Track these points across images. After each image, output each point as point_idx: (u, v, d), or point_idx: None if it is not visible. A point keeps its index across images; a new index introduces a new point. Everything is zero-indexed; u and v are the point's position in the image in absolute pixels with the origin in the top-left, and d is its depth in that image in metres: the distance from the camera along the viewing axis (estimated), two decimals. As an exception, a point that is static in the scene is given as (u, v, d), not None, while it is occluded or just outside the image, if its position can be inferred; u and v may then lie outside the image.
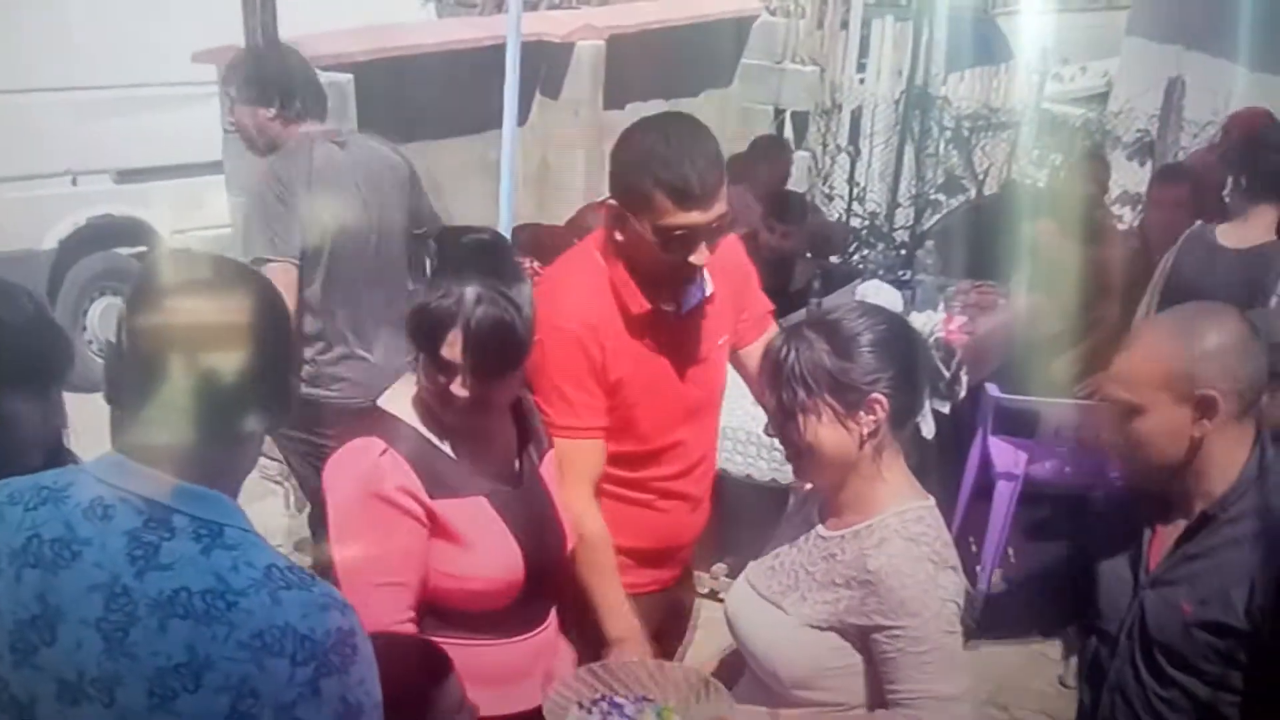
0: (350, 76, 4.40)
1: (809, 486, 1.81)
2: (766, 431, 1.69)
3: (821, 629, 1.61)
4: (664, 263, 1.92)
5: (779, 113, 6.63)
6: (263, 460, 2.91)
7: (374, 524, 1.69)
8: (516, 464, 1.87)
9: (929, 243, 4.79)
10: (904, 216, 6.13)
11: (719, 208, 1.90)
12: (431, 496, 1.71)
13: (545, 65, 5.49)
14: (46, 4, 4.63)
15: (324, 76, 4.34)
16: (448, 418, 1.76)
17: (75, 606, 1.08)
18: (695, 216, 1.88)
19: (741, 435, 3.44)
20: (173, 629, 1.05)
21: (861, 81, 6.66)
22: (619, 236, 1.95)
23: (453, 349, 1.67)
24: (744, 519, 2.97)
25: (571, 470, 1.97)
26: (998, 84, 6.78)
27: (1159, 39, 6.81)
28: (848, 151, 6.32)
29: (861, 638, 1.59)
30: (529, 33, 4.68)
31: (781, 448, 1.70)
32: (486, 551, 1.76)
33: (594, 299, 1.99)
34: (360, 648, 1.09)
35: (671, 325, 2.03)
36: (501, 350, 1.71)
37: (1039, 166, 5.91)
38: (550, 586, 1.90)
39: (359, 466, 1.71)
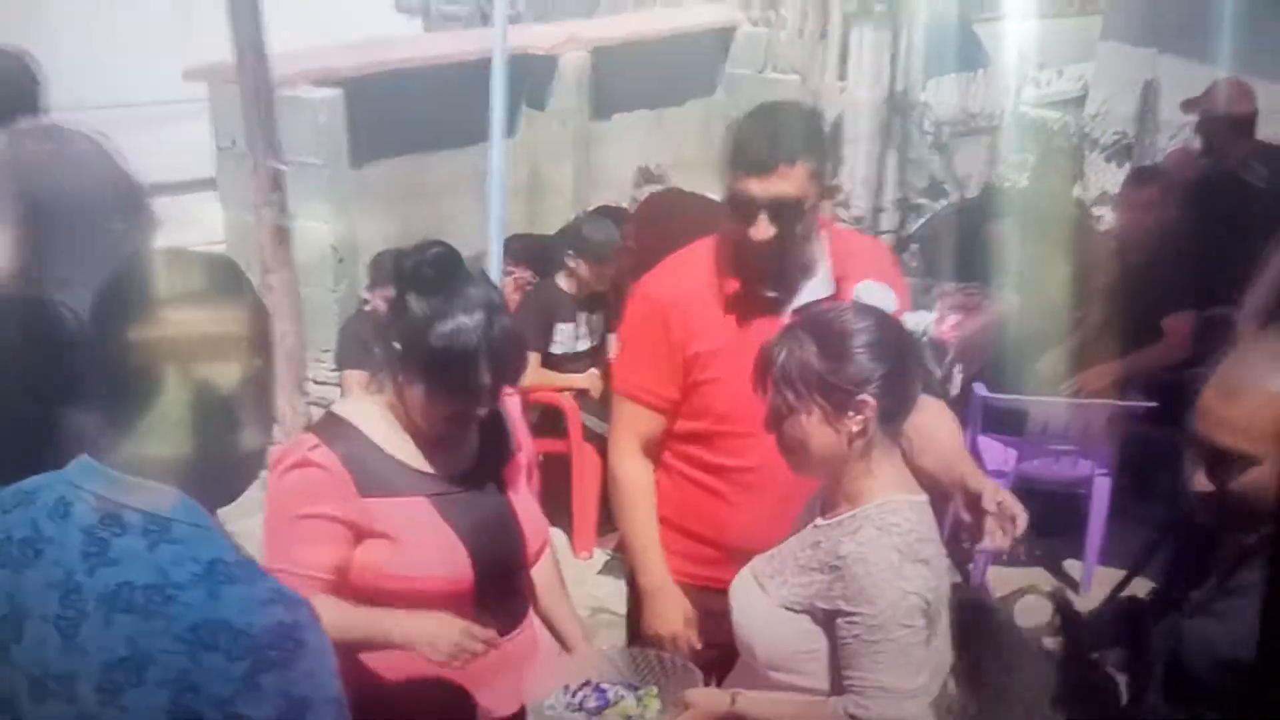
0: (340, 92, 4.44)
1: None
2: (767, 428, 1.72)
3: (795, 611, 1.66)
4: (741, 237, 1.96)
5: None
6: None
7: (292, 517, 1.72)
8: (472, 465, 1.86)
9: (913, 246, 4.86)
10: (888, 221, 6.21)
11: (781, 185, 1.91)
12: (364, 495, 1.73)
13: (531, 77, 5.54)
14: (37, 28, 4.64)
15: (314, 93, 4.41)
16: (441, 430, 1.77)
17: (37, 604, 1.10)
18: (752, 185, 1.92)
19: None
20: (116, 623, 1.06)
21: (843, 89, 6.74)
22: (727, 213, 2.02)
23: (485, 375, 1.70)
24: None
25: (617, 424, 2.11)
26: (976, 89, 6.86)
27: (1134, 42, 6.92)
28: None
29: (828, 622, 1.62)
30: (514, 45, 4.72)
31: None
32: (423, 551, 1.76)
33: (690, 273, 2.07)
34: (308, 641, 1.07)
35: (773, 312, 2.01)
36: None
37: (1019, 170, 6.00)
38: (513, 592, 1.91)
39: (288, 458, 1.74)
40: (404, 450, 1.79)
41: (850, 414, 1.62)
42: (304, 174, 4.31)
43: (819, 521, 1.72)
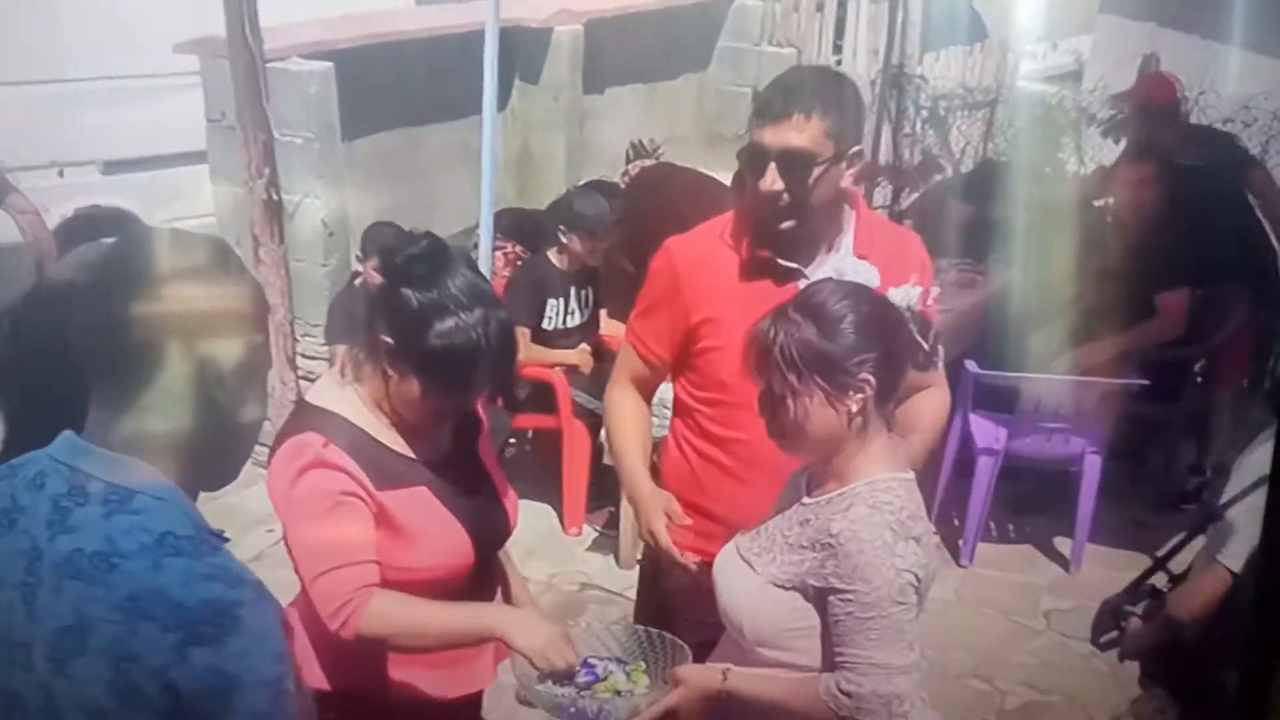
0: (331, 65, 4.40)
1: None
2: (760, 411, 1.70)
3: (785, 589, 1.65)
4: (754, 193, 1.95)
5: (757, 94, 6.65)
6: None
7: (323, 514, 1.67)
8: (451, 447, 1.85)
9: (907, 221, 4.84)
10: (881, 195, 6.19)
11: (792, 135, 1.89)
12: (377, 488, 1.71)
13: (524, 50, 5.50)
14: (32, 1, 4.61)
15: (305, 65, 4.37)
16: (426, 423, 1.76)
17: (6, 571, 1.11)
18: (766, 134, 1.92)
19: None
20: (66, 590, 1.07)
21: (838, 62, 6.70)
22: None
23: (484, 373, 1.70)
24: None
25: (617, 363, 2.22)
26: (973, 63, 6.82)
27: (1133, 16, 6.89)
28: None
29: (820, 600, 1.62)
30: (507, 18, 4.69)
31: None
32: (433, 541, 1.76)
33: (710, 239, 2.08)
34: (245, 620, 1.06)
35: (787, 281, 1.99)
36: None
37: (1014, 145, 5.98)
38: (492, 567, 1.92)
39: (300, 460, 1.68)
40: (391, 438, 1.77)
41: (851, 394, 1.62)
42: (294, 148, 4.29)
43: (806, 499, 1.72)
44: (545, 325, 4.15)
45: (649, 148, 6.11)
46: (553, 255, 4.18)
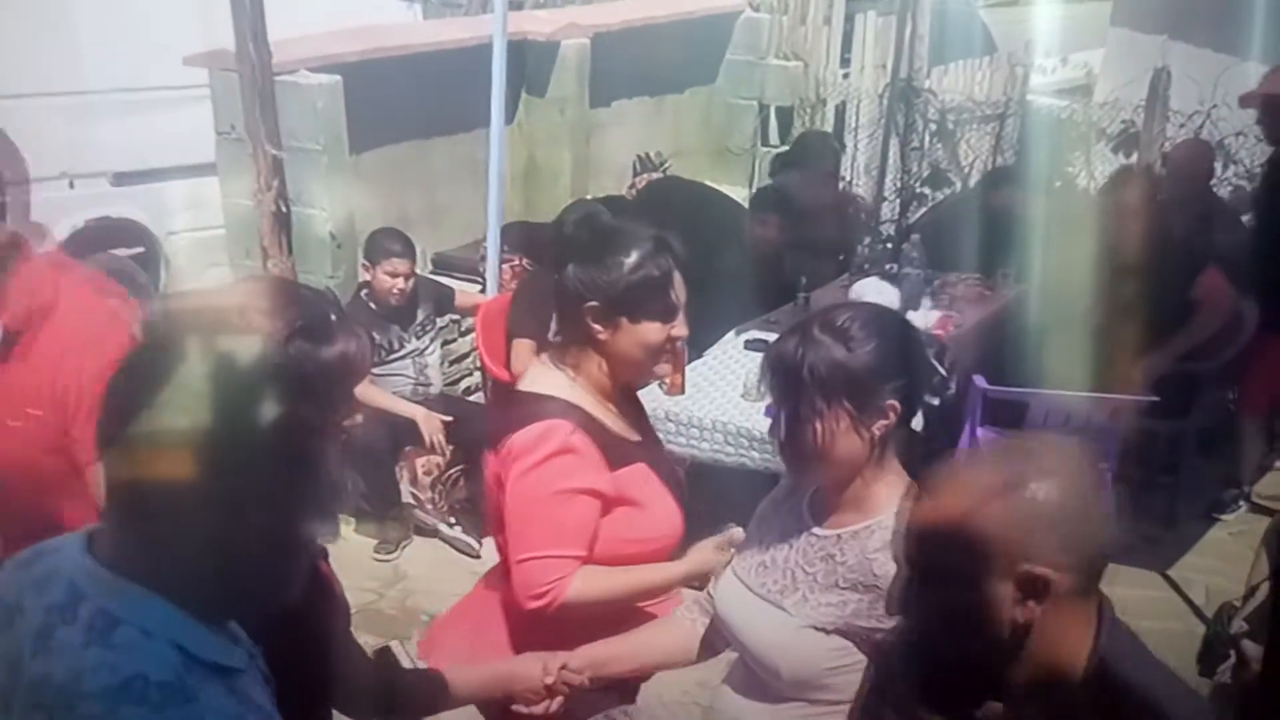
0: (339, 78, 4.42)
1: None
2: (771, 434, 1.66)
3: (826, 631, 1.59)
4: None
5: (763, 108, 6.66)
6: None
7: (559, 501, 1.79)
8: (645, 429, 2.00)
9: (915, 236, 4.82)
10: (890, 210, 6.17)
11: None
12: (611, 469, 1.83)
13: (531, 64, 5.51)
14: (39, 11, 4.64)
15: (313, 78, 4.38)
16: (655, 370, 1.91)
17: None
18: None
19: (732, 429, 3.48)
20: (31, 718, 0.99)
21: (845, 76, 6.69)
22: None
23: (678, 287, 1.83)
24: (739, 508, 3.00)
25: None
26: (981, 77, 6.81)
27: (1143, 29, 6.86)
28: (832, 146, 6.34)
29: (869, 638, 1.57)
30: (514, 32, 4.70)
31: (773, 444, 1.68)
32: (657, 512, 1.90)
33: None
34: None
35: None
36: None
37: (1024, 160, 5.95)
38: None
39: (550, 445, 1.79)
40: (611, 420, 1.88)
41: (877, 419, 1.57)
42: (303, 160, 4.30)
43: (818, 530, 1.65)
44: (552, 338, 4.13)
45: (656, 161, 6.11)
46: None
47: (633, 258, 1.81)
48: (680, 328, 1.86)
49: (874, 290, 4.17)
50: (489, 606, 1.98)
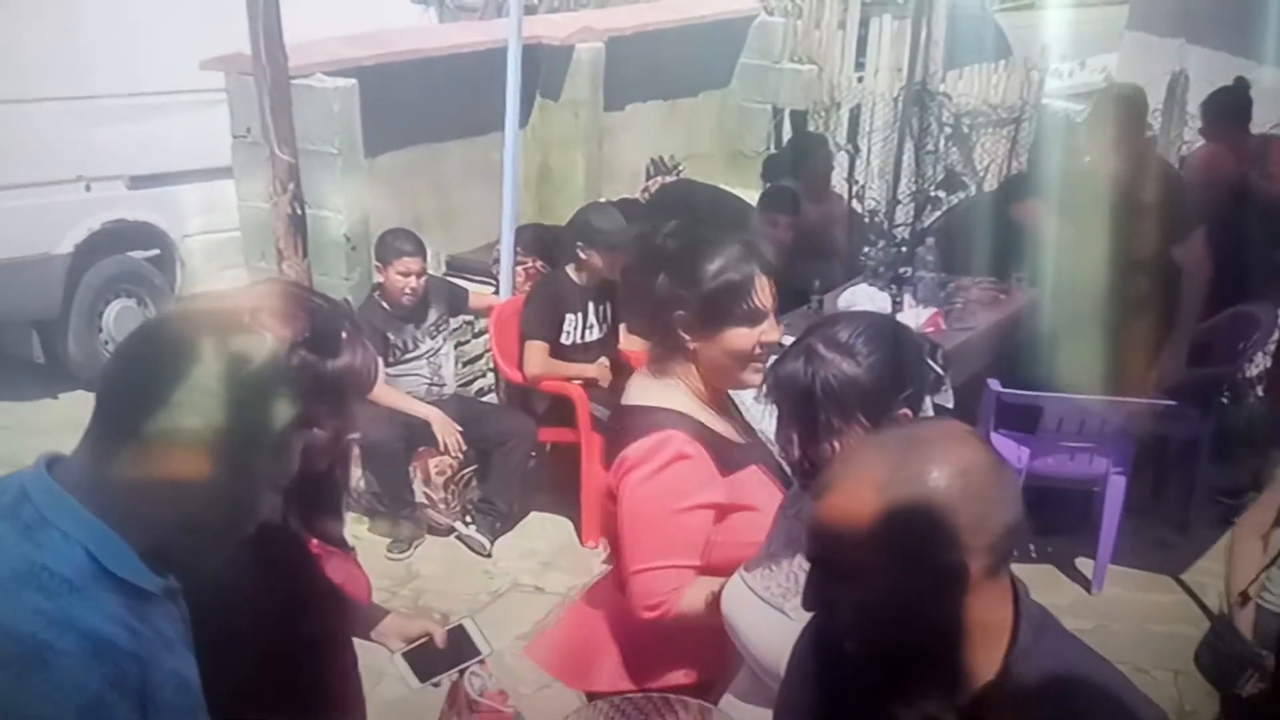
0: (354, 81, 4.45)
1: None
2: (782, 454, 1.65)
3: None
4: None
5: (777, 112, 6.66)
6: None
7: (674, 513, 1.79)
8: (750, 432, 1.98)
9: (929, 239, 4.81)
10: (904, 213, 6.15)
11: None
12: (724, 474, 1.81)
13: (545, 68, 5.53)
14: (56, 14, 4.68)
15: (328, 82, 4.41)
16: (746, 377, 1.85)
17: None
18: None
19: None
20: None
21: (860, 80, 6.69)
22: None
23: (763, 291, 1.81)
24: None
25: None
26: (997, 80, 6.79)
27: (1159, 33, 6.83)
28: (846, 149, 6.34)
29: None
30: (529, 36, 4.73)
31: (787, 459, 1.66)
32: (773, 513, 1.84)
33: None
34: (51, 663, 1.03)
35: None
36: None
37: (1040, 164, 5.92)
38: None
39: (664, 455, 1.79)
40: (719, 424, 1.87)
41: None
42: (318, 163, 4.33)
43: None
44: (564, 340, 4.15)
45: (669, 164, 6.11)
46: (570, 270, 4.18)
47: (715, 264, 1.79)
48: (771, 332, 1.83)
49: (865, 297, 4.17)
50: (598, 618, 1.97)
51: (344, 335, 1.44)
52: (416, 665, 1.75)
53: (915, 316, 4.04)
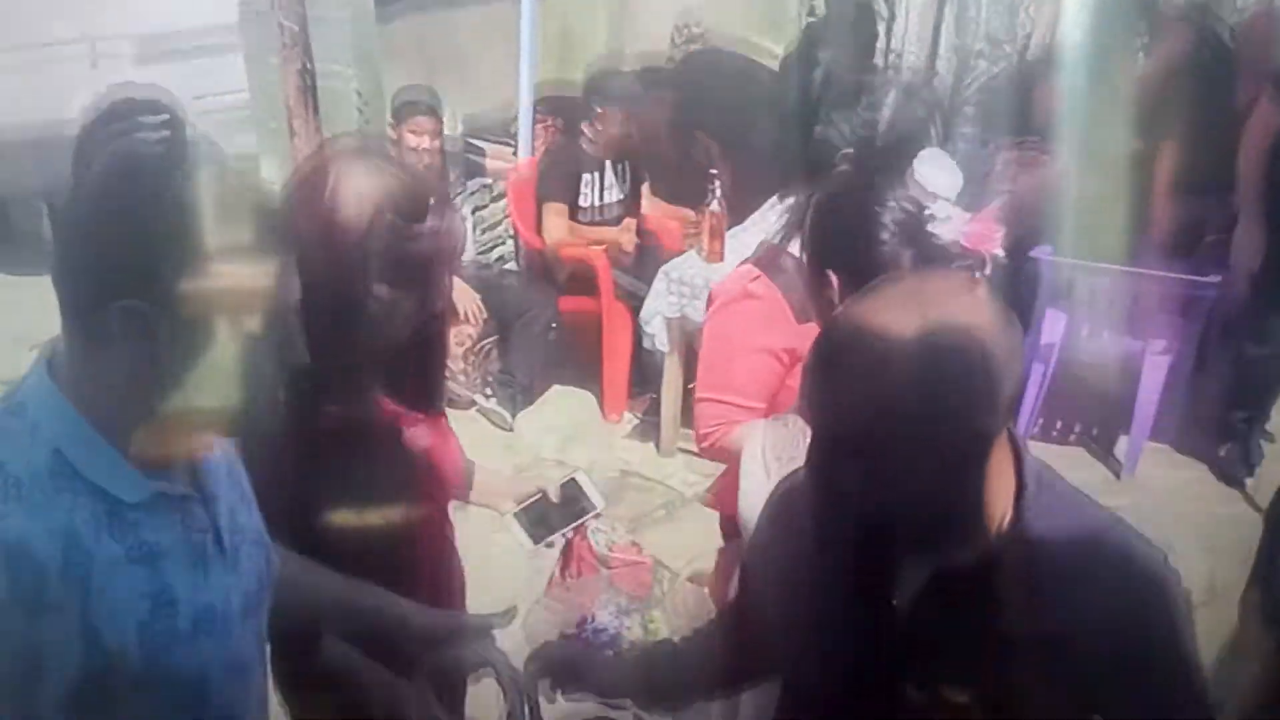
0: (364, -63, 4.23)
1: None
2: None
3: None
4: None
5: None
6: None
7: (742, 352, 1.85)
8: None
9: (968, 107, 4.61)
10: (940, 83, 5.91)
11: None
12: (801, 323, 1.79)
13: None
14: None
15: (338, -64, 4.20)
16: None
17: None
18: None
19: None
20: None
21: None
22: None
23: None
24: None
25: None
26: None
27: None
28: (880, 14, 6.07)
29: None
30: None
31: None
32: None
33: None
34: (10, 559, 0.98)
35: None
36: None
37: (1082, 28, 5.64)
38: None
39: (724, 295, 1.87)
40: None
41: None
42: (328, 28, 4.15)
43: None
44: (581, 203, 4.02)
45: (695, 30, 5.87)
46: (585, 129, 4.04)
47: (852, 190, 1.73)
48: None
49: (934, 162, 3.92)
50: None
51: (432, 200, 1.37)
52: (529, 525, 1.67)
53: (951, 227, 3.79)
